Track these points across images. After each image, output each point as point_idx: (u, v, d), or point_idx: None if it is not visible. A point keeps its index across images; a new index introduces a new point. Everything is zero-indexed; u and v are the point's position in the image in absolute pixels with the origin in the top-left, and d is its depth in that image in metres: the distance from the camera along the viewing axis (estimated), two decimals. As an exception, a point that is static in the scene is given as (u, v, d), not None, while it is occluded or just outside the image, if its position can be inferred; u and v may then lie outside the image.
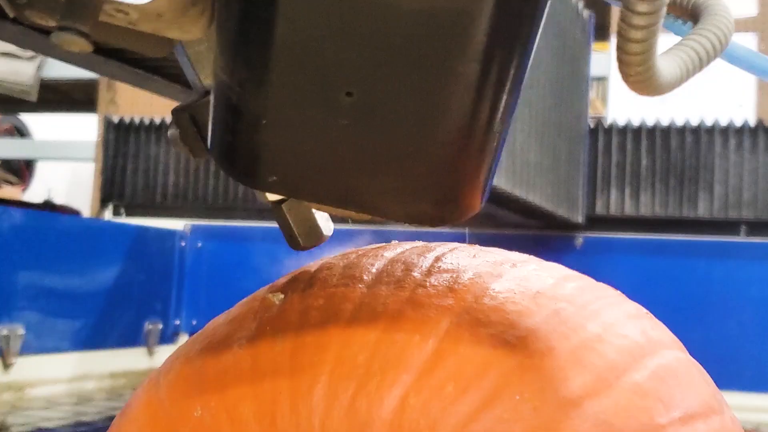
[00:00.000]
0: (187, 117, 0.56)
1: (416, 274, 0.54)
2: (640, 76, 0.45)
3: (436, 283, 0.53)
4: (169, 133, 0.58)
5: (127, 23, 0.43)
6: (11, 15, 0.43)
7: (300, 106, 0.43)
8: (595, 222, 2.51)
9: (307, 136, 0.44)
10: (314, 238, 0.59)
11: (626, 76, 0.45)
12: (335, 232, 0.62)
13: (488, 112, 0.43)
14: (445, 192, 0.47)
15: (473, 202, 0.47)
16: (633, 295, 0.68)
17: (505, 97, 0.43)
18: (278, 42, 0.41)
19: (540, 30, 0.42)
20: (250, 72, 0.42)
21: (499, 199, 1.87)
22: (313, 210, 0.59)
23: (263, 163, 0.46)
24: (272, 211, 0.59)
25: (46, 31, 1.09)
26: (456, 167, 0.45)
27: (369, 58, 0.41)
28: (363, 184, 0.46)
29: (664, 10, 0.42)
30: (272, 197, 0.58)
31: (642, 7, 0.42)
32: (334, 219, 0.60)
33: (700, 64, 0.47)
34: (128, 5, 0.42)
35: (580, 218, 2.37)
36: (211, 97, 0.47)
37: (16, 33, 1.05)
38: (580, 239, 2.49)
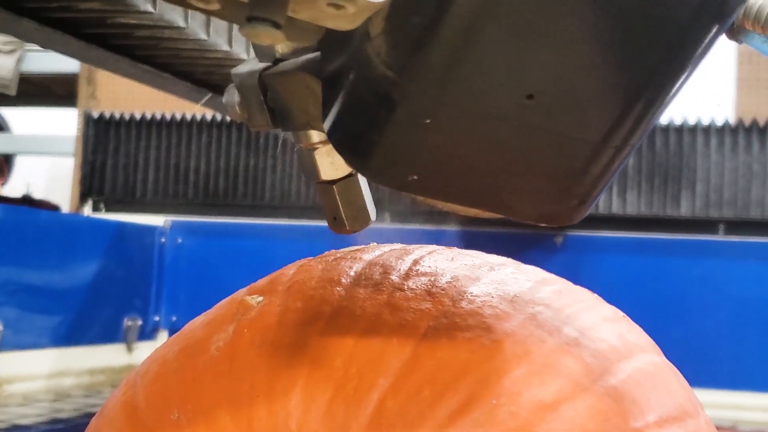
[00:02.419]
0: (255, 83, 0.54)
1: (394, 277, 0.54)
2: None
3: (414, 287, 0.53)
4: (225, 96, 0.55)
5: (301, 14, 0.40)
6: None
7: (476, 107, 0.42)
8: (584, 220, 2.52)
9: (470, 136, 0.43)
10: (361, 222, 0.57)
11: None
12: (314, 229, 0.61)
13: (642, 123, 0.44)
14: (583, 194, 0.47)
15: (591, 204, 0.48)
16: (612, 292, 0.69)
17: (661, 110, 0.44)
18: (474, 44, 0.40)
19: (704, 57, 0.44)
20: (431, 72, 0.41)
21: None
22: (363, 193, 0.58)
23: (407, 161, 0.44)
24: (319, 191, 0.57)
25: (62, 28, 1.07)
26: (600, 171, 0.46)
27: (561, 59, 0.41)
28: (508, 184, 0.46)
29: None
30: (327, 176, 0.56)
31: None
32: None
33: None
34: (351, 0, 0.39)
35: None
36: (348, 85, 0.45)
37: (30, 29, 1.04)
38: (560, 238, 2.50)
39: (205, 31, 1.06)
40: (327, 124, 0.46)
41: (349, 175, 0.56)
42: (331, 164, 0.56)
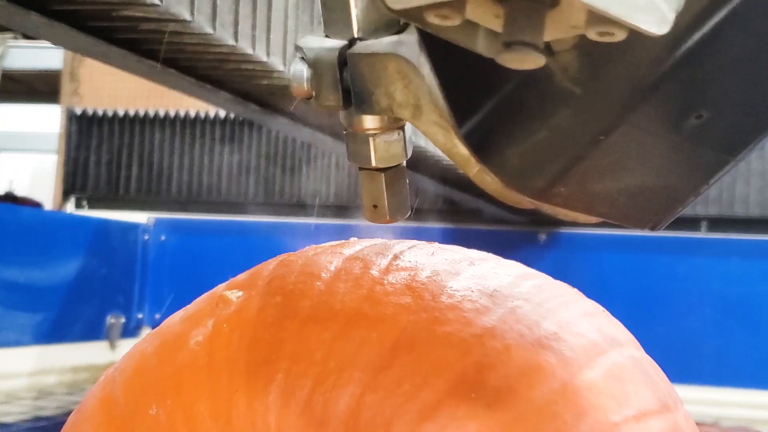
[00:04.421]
0: (333, 61, 0.51)
1: (374, 272, 0.54)
2: None
3: (394, 281, 0.53)
4: (292, 68, 0.52)
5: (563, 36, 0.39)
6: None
7: (653, 126, 0.43)
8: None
9: (632, 153, 0.44)
10: (401, 213, 0.56)
11: None
12: (298, 226, 0.61)
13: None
14: (684, 202, 0.48)
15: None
16: (596, 288, 0.69)
17: None
18: (675, 65, 0.41)
19: None
20: (624, 91, 0.42)
21: (489, 195, 1.87)
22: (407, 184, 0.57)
23: (560, 173, 0.45)
24: (362, 178, 0.55)
25: (66, 21, 1.06)
26: (710, 182, 0.47)
27: (737, 82, 0.43)
28: (641, 196, 0.47)
29: None
30: (380, 163, 0.54)
31: None
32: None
33: None
34: (620, 27, 0.36)
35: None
36: (508, 91, 0.44)
37: (39, 24, 1.03)
38: (544, 235, 2.51)
39: (210, 25, 1.05)
40: (468, 127, 0.45)
41: (397, 165, 0.55)
42: (385, 152, 0.54)
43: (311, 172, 2.75)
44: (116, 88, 3.22)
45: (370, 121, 0.53)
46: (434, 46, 0.45)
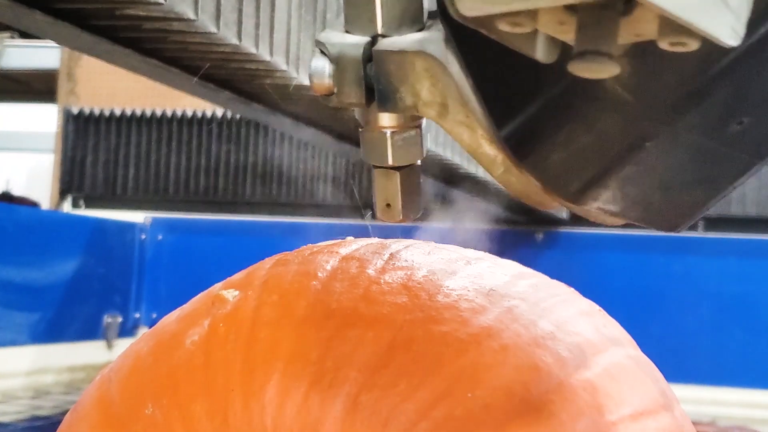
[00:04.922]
0: (357, 57, 0.50)
1: (371, 271, 0.54)
2: None
3: (390, 281, 0.53)
4: (313, 63, 0.51)
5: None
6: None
7: (691, 132, 0.44)
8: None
9: (668, 158, 0.45)
10: (414, 212, 0.56)
11: None
12: (295, 225, 0.60)
13: None
14: (709, 205, 0.49)
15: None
16: (592, 288, 0.69)
17: None
18: (725, 72, 0.42)
19: None
20: (676, 96, 0.42)
21: (487, 193, 1.87)
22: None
23: (600, 178, 0.45)
24: (378, 176, 0.55)
25: (69, 19, 1.06)
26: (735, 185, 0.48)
27: None
28: (675, 199, 0.47)
29: None
30: (397, 161, 0.54)
31: None
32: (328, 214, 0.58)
33: None
34: (694, 37, 0.36)
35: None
36: (552, 96, 0.44)
37: (44, 24, 1.02)
38: (540, 234, 2.51)
39: (215, 24, 1.04)
40: (509, 129, 0.45)
41: (412, 164, 0.55)
42: (402, 150, 0.54)
43: (309, 172, 2.75)
44: (113, 88, 3.22)
45: (387, 119, 0.53)
46: (468, 47, 0.45)
